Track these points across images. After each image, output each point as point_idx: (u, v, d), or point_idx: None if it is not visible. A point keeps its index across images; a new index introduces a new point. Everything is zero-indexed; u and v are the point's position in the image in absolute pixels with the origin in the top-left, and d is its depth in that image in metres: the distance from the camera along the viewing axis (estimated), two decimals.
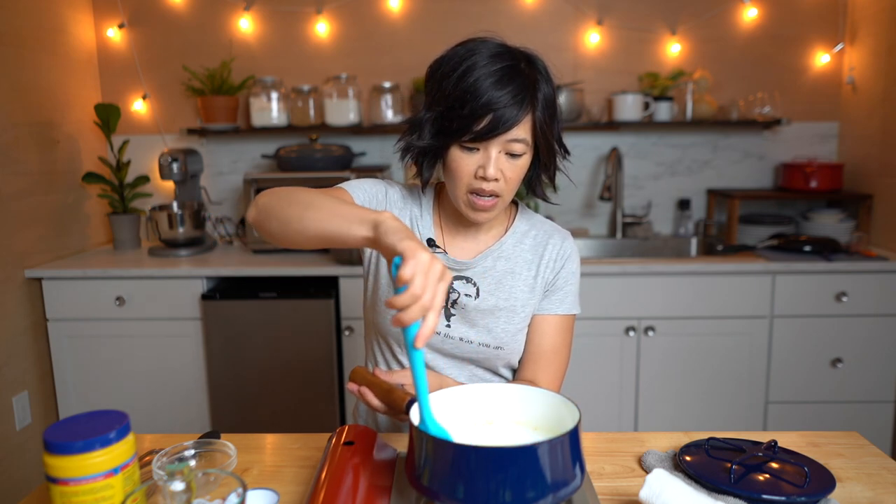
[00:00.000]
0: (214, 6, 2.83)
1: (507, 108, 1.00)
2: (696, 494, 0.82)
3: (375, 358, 1.26)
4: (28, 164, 2.40)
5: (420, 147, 1.09)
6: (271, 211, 0.98)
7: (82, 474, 0.74)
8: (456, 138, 1.04)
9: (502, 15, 2.81)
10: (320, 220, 0.91)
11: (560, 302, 1.18)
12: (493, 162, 1.03)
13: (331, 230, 0.91)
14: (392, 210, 1.19)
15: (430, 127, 1.07)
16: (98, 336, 2.41)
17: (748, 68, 2.82)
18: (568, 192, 2.93)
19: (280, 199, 0.98)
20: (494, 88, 1.00)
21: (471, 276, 1.17)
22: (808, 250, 2.42)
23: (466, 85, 1.01)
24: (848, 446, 1.10)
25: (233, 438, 1.11)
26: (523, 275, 1.17)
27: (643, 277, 2.34)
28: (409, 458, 0.82)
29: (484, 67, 1.01)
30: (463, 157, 1.05)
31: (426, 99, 1.09)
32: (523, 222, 1.22)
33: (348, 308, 2.40)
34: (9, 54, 2.31)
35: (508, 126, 1.01)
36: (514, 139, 1.03)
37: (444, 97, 1.04)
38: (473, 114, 1.00)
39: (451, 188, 1.10)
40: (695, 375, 2.40)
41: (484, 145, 1.03)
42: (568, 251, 1.19)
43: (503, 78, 1.01)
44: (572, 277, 1.19)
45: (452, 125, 1.03)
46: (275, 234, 0.98)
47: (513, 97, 1.00)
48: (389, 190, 1.20)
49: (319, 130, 2.77)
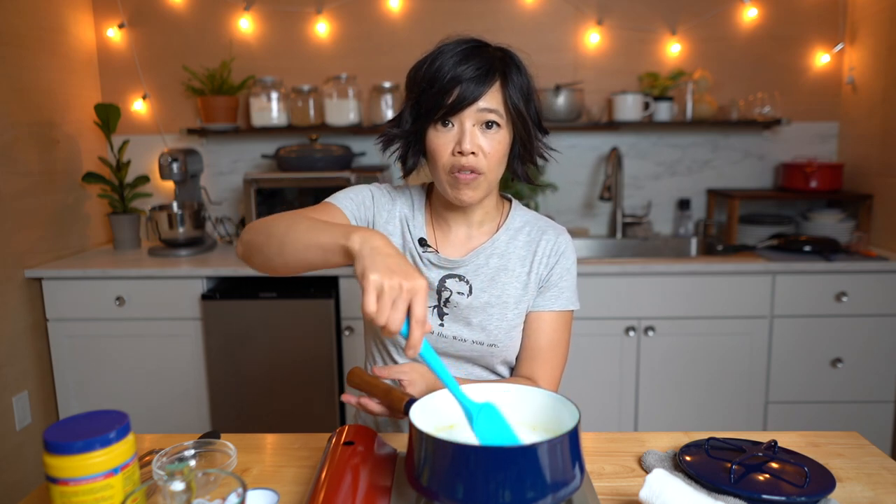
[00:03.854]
0: (214, 6, 2.83)
1: (473, 79, 1.04)
2: (696, 494, 0.82)
3: (374, 357, 1.27)
4: (28, 164, 2.40)
5: (397, 134, 1.13)
6: (253, 246, 1.02)
7: (82, 474, 0.74)
8: (430, 118, 1.07)
9: (502, 15, 2.81)
10: (297, 251, 0.95)
11: (555, 298, 1.18)
12: (468, 135, 1.05)
13: (309, 261, 0.95)
14: (381, 212, 1.19)
15: (408, 115, 1.11)
16: (98, 336, 2.41)
17: (748, 68, 2.82)
18: (568, 192, 2.93)
19: (258, 233, 1.02)
20: (459, 65, 1.05)
21: (463, 274, 1.17)
22: (808, 250, 2.42)
23: (434, 68, 1.06)
24: (848, 446, 1.09)
25: (233, 438, 1.11)
26: (516, 271, 1.17)
27: (643, 277, 2.34)
28: (409, 458, 0.82)
29: (450, 52, 1.07)
30: (439, 136, 1.08)
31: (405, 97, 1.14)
32: (517, 218, 1.22)
33: (348, 308, 2.40)
34: (9, 54, 2.31)
35: (476, 95, 1.04)
36: (486, 108, 1.05)
37: (416, 85, 1.09)
38: (442, 89, 1.05)
39: (433, 172, 1.12)
40: (695, 375, 2.40)
41: (457, 119, 1.06)
42: (562, 247, 1.19)
43: (468, 55, 1.06)
44: (567, 273, 1.19)
45: (425, 106, 1.07)
46: (262, 268, 1.03)
47: (476, 69, 1.04)
48: (376, 193, 1.21)
49: (319, 130, 2.77)
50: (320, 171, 2.63)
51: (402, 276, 0.80)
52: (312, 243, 0.93)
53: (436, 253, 1.17)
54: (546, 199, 2.92)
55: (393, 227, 1.19)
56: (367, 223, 1.18)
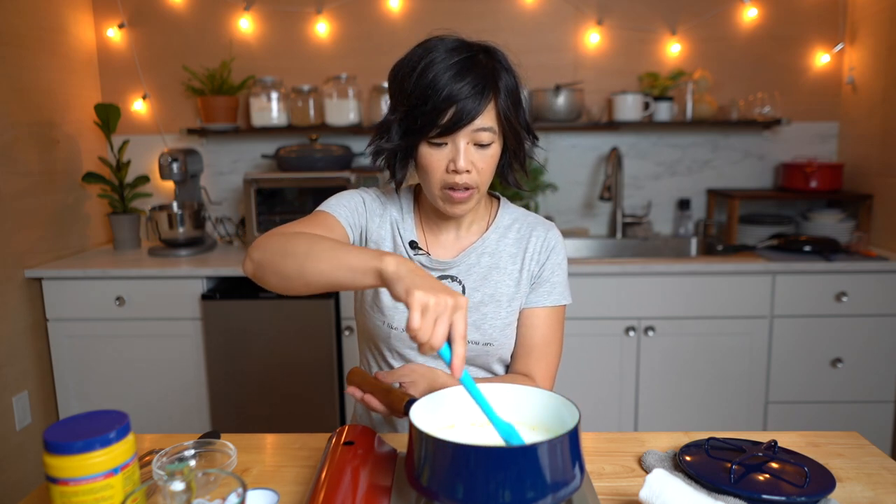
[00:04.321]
0: (214, 6, 2.83)
1: (469, 99, 1.01)
2: (696, 494, 0.82)
3: (368, 363, 1.26)
4: (28, 164, 2.40)
5: (389, 149, 1.09)
6: (268, 266, 0.96)
7: (82, 474, 0.74)
8: (423, 135, 1.05)
9: (502, 15, 2.81)
10: (322, 272, 0.91)
11: (548, 294, 1.18)
12: (462, 154, 1.04)
13: (336, 281, 0.90)
14: (373, 218, 1.19)
15: (397, 128, 1.08)
16: (98, 336, 2.41)
17: (748, 68, 2.82)
18: (568, 192, 2.93)
19: (275, 252, 0.96)
20: (454, 81, 1.01)
21: (455, 275, 1.17)
22: (808, 250, 2.42)
23: (426, 81, 1.02)
24: (848, 446, 1.09)
25: (233, 438, 1.11)
26: (508, 268, 1.18)
27: (643, 277, 2.34)
28: (409, 458, 0.82)
29: (442, 62, 1.02)
30: (432, 154, 1.06)
31: (391, 101, 1.11)
32: (506, 216, 1.22)
33: (348, 308, 2.40)
34: (9, 54, 2.31)
35: (472, 116, 1.02)
36: (480, 128, 1.04)
37: (407, 97, 1.05)
38: (436, 108, 1.01)
39: (425, 185, 1.11)
40: (695, 375, 2.40)
41: (451, 139, 1.04)
42: (552, 242, 1.19)
43: (462, 70, 1.02)
44: (559, 268, 1.19)
45: (418, 123, 1.04)
46: (277, 288, 0.97)
47: (473, 87, 1.01)
48: (367, 199, 1.20)
49: (319, 130, 2.77)
50: (320, 171, 2.63)
51: (446, 294, 0.80)
52: (341, 264, 0.90)
53: (427, 255, 1.17)
54: (546, 199, 2.92)
55: (385, 231, 1.19)
56: (361, 229, 1.18)
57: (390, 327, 1.17)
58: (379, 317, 1.18)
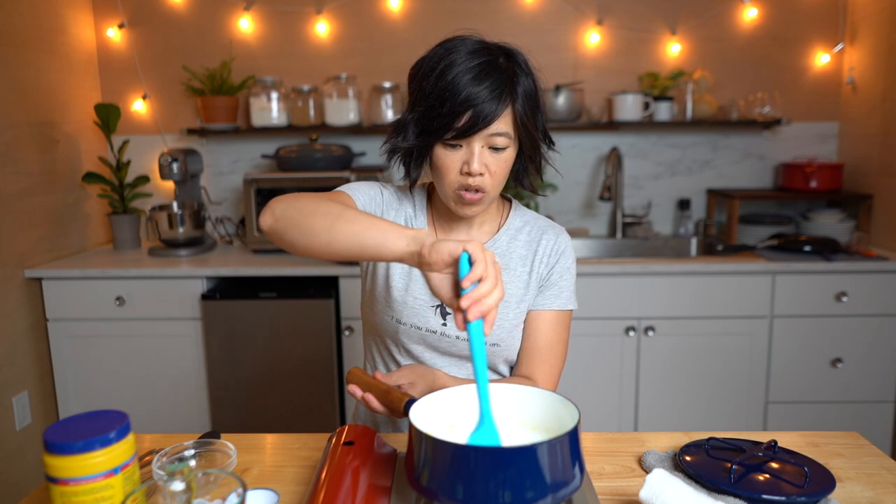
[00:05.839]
0: (214, 6, 2.83)
1: (487, 103, 1.01)
2: (696, 494, 0.82)
3: (374, 359, 1.26)
4: (28, 164, 2.40)
5: (405, 148, 1.10)
6: (292, 220, 0.94)
7: (82, 474, 0.74)
8: (438, 137, 1.05)
9: (502, 15, 2.81)
10: (354, 232, 0.89)
11: (555, 297, 1.18)
12: (476, 157, 1.04)
13: (366, 243, 0.88)
14: (389, 210, 1.20)
15: (414, 127, 1.08)
16: (98, 336, 2.41)
17: (748, 68, 2.82)
18: (568, 192, 2.93)
19: (301, 209, 0.94)
20: (472, 84, 1.00)
21: None
22: (808, 250, 2.42)
23: (445, 83, 1.02)
24: (848, 446, 1.09)
25: (233, 438, 1.11)
26: (518, 270, 1.18)
27: (643, 277, 2.34)
28: (409, 459, 0.82)
29: (461, 64, 1.02)
30: (447, 155, 1.06)
31: (409, 100, 1.11)
32: (517, 219, 1.22)
33: (348, 308, 2.40)
34: (9, 54, 2.31)
35: (489, 121, 1.02)
36: (496, 133, 1.03)
37: (425, 97, 1.05)
38: (453, 111, 1.01)
39: (438, 186, 1.12)
40: (695, 375, 2.40)
41: (466, 141, 1.04)
42: (562, 246, 1.20)
43: (481, 73, 1.01)
44: (567, 273, 1.20)
45: (434, 124, 1.04)
46: (296, 245, 0.94)
47: (491, 92, 1.01)
48: (385, 191, 1.21)
49: (319, 130, 2.77)
50: (320, 171, 2.63)
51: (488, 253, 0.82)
52: (373, 225, 0.89)
53: None
54: (546, 199, 2.92)
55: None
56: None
57: (399, 322, 1.17)
58: (388, 311, 1.18)
